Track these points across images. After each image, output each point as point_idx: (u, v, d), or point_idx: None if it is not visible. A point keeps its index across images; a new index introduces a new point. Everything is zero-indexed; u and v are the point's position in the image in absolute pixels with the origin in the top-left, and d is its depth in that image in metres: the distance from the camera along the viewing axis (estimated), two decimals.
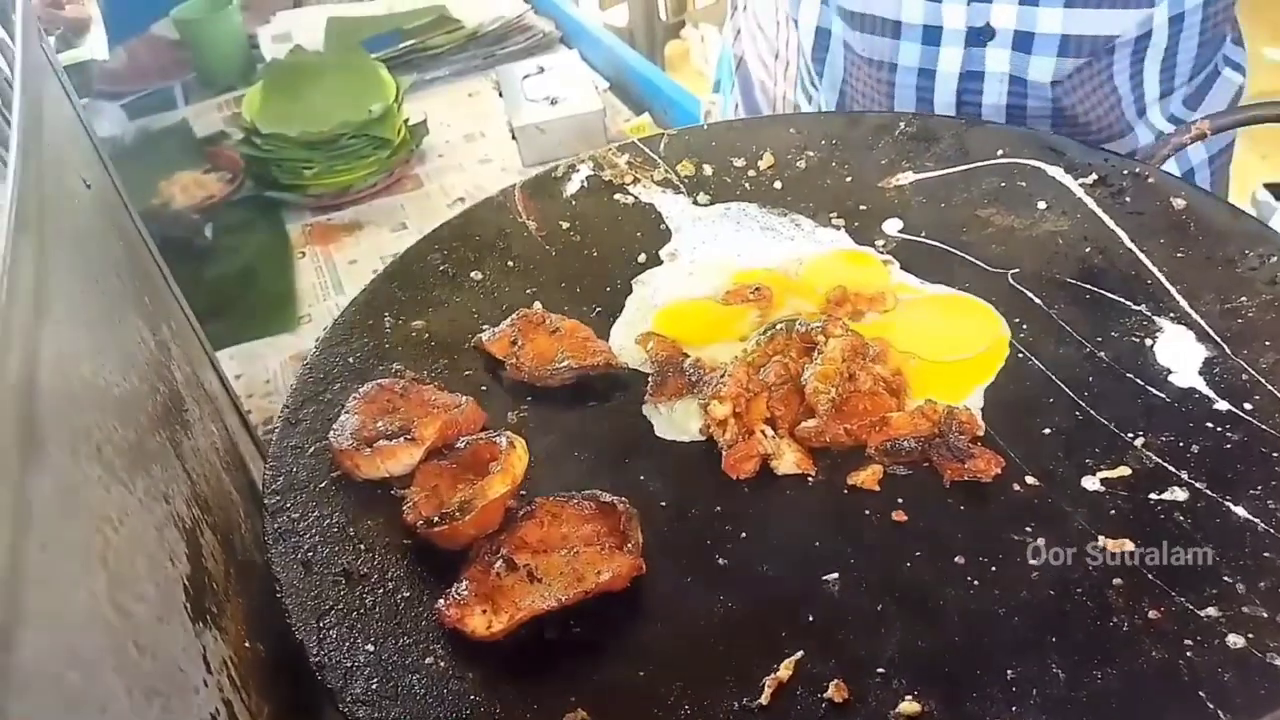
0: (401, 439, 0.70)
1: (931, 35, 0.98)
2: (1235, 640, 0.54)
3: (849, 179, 0.95)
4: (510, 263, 0.91)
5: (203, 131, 1.60)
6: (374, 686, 0.58)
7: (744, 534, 0.66)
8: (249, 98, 1.46)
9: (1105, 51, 0.96)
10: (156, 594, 0.44)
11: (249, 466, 0.75)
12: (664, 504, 0.68)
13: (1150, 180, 0.85)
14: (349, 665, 0.59)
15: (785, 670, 0.57)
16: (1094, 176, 0.87)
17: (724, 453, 0.70)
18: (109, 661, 0.36)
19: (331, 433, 0.72)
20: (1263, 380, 0.68)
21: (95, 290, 0.55)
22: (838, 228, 0.90)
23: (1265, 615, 0.55)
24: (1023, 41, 0.95)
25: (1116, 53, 0.96)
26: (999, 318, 0.78)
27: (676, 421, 0.75)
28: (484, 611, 0.60)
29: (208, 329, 0.86)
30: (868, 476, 0.68)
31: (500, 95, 1.55)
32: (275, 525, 0.67)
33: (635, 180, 0.99)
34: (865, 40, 1.01)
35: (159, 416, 0.56)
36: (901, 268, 0.85)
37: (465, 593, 0.61)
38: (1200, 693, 0.53)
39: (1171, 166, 1.04)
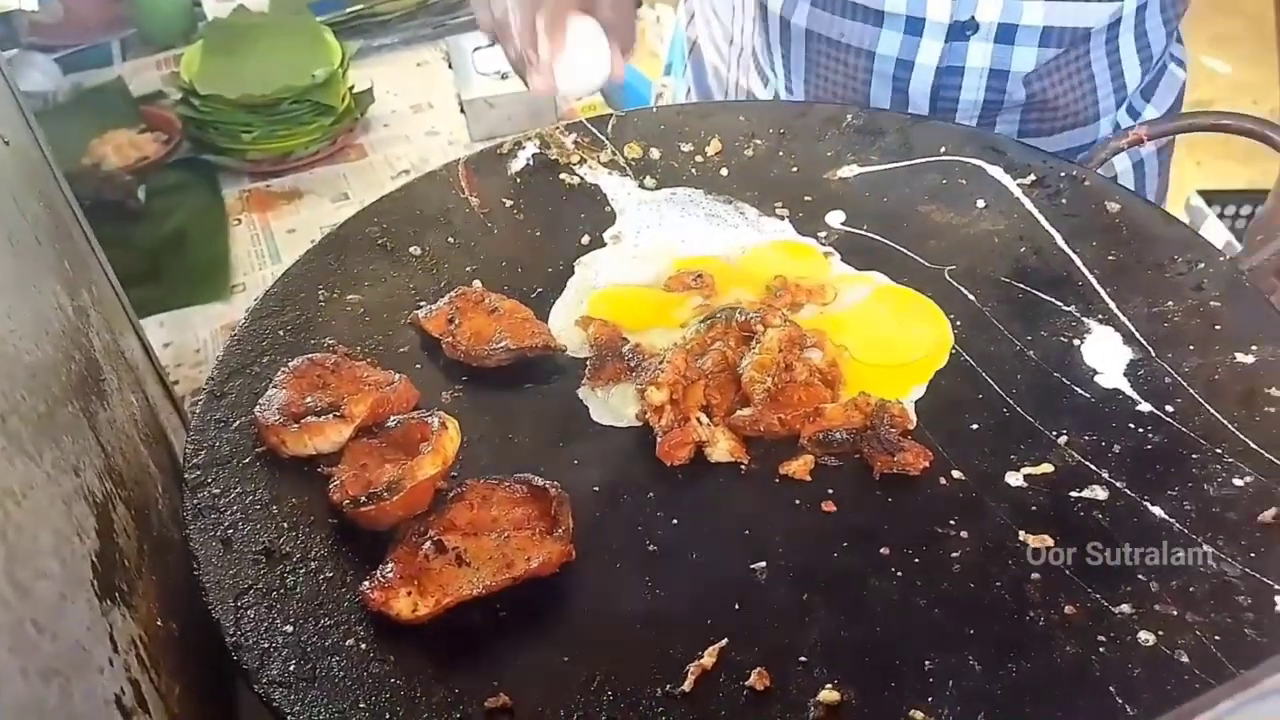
0: (330, 416, 0.69)
1: (914, 26, 0.97)
2: (1146, 637, 0.56)
3: (795, 169, 0.96)
4: (451, 239, 0.90)
5: (139, 90, 1.55)
6: (292, 668, 0.57)
7: (675, 521, 0.66)
8: (188, 57, 1.41)
9: (1081, 40, 0.97)
10: (61, 570, 0.42)
11: (170, 439, 0.73)
12: (596, 489, 0.68)
13: (1086, 183, 0.87)
14: (266, 646, 0.58)
15: (709, 658, 0.57)
16: (1032, 177, 0.89)
17: (659, 439, 0.70)
18: (3, 640, 0.35)
19: (258, 407, 0.70)
20: (1185, 384, 0.70)
21: (9, 252, 0.53)
22: (782, 217, 0.91)
23: (1175, 614, 0.57)
24: (1005, 33, 0.96)
25: (1092, 40, 0.98)
26: (945, 321, 0.78)
27: (613, 406, 0.74)
28: (409, 594, 0.59)
29: (137, 294, 0.84)
30: (799, 466, 0.68)
31: (450, 67, 1.53)
32: (195, 501, 0.66)
33: (581, 160, 0.98)
34: (845, 25, 1.00)
35: (73, 386, 0.54)
36: (842, 259, 0.86)
37: (391, 575, 0.60)
38: (1110, 688, 0.54)
39: (1123, 158, 1.07)
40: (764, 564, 0.62)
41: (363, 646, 0.58)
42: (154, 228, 1.30)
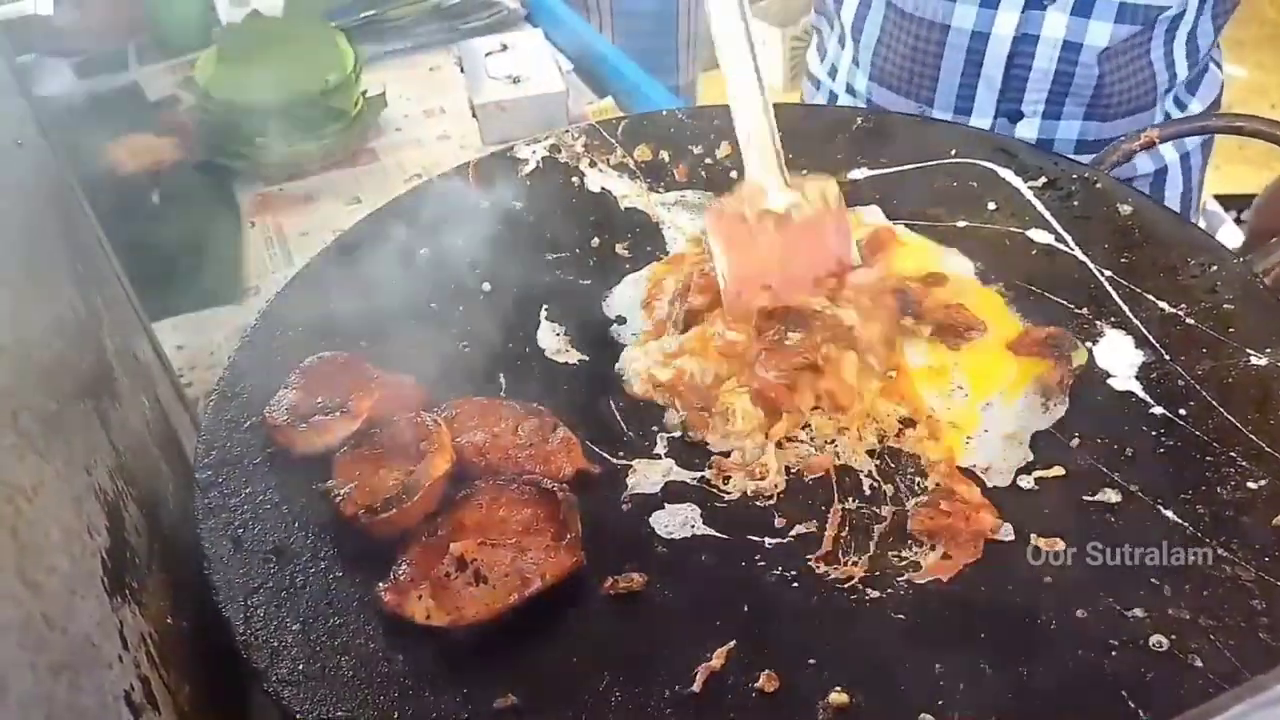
0: (337, 413, 0.69)
1: None
2: (1159, 641, 0.56)
3: (805, 172, 0.95)
4: (460, 241, 0.90)
5: (154, 95, 1.56)
6: (301, 667, 0.57)
7: (684, 522, 0.65)
8: (202, 62, 1.42)
9: (1150, 24, 0.99)
10: (71, 567, 0.42)
11: (181, 440, 0.73)
12: (606, 490, 0.68)
13: (1098, 185, 0.86)
14: (276, 645, 0.58)
15: (718, 659, 0.57)
16: (1043, 179, 0.88)
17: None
18: (12, 635, 0.35)
19: (267, 408, 0.70)
20: (1198, 386, 0.70)
21: (20, 251, 0.53)
22: None
23: (1188, 617, 0.56)
24: (1082, 6, 0.99)
25: (1156, 28, 1.00)
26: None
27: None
28: (420, 597, 0.59)
29: (151, 297, 0.84)
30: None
31: (462, 71, 1.53)
32: (206, 500, 0.66)
33: (592, 163, 0.98)
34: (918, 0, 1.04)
35: (85, 386, 0.54)
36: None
37: (404, 576, 0.60)
38: (1122, 692, 0.54)
39: (1144, 163, 1.09)
40: (773, 566, 0.62)
41: (372, 646, 0.58)
42: (168, 231, 1.31)
